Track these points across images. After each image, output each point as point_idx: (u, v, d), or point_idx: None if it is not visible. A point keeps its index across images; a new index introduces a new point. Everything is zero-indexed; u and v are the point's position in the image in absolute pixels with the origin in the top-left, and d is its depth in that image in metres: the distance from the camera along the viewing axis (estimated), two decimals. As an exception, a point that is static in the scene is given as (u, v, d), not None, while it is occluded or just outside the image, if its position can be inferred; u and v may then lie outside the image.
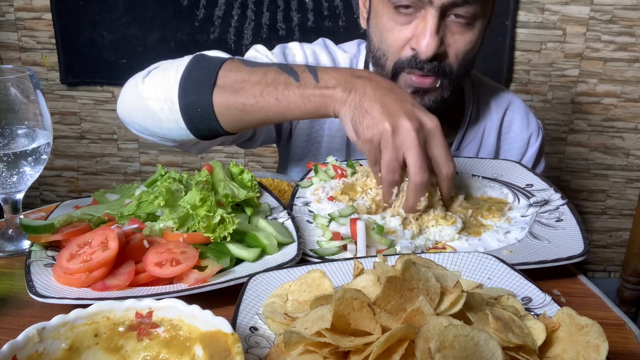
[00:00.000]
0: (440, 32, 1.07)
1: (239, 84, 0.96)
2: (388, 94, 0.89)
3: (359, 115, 0.88)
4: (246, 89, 0.96)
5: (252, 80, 0.96)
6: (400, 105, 0.87)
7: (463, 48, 1.11)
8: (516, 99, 1.41)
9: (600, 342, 0.51)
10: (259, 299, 0.67)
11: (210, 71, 0.98)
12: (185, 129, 1.01)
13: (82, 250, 0.75)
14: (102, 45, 2.51)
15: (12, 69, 0.86)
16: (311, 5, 2.40)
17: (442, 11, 1.05)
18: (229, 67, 0.99)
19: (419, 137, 0.85)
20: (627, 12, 2.38)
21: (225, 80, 0.97)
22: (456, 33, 1.09)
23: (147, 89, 1.03)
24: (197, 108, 0.98)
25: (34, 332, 0.51)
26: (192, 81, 0.99)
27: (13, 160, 0.84)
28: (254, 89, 0.95)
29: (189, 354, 0.55)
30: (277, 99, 0.94)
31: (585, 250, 0.80)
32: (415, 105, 0.88)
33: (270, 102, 0.95)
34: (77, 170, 2.78)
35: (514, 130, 1.37)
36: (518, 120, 1.37)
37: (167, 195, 0.83)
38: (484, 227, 0.93)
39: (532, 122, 1.39)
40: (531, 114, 1.40)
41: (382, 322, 0.51)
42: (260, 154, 2.66)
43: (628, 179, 2.64)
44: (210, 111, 0.98)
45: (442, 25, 1.07)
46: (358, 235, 0.82)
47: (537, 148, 1.38)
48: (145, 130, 1.09)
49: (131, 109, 1.07)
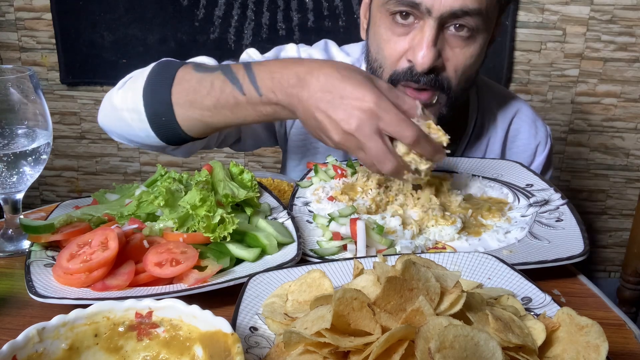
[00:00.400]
0: (439, 45, 1.03)
1: (192, 95, 0.98)
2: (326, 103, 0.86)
3: (316, 128, 0.89)
4: (199, 101, 0.98)
5: (202, 92, 0.97)
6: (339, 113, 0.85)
7: (463, 62, 1.06)
8: (524, 106, 1.36)
9: (600, 342, 0.51)
10: (259, 299, 0.67)
11: (166, 81, 1.01)
12: (156, 137, 1.04)
13: (82, 250, 0.75)
14: (102, 45, 2.51)
15: (12, 69, 0.86)
16: (311, 5, 2.40)
17: (440, 22, 1.01)
18: (181, 75, 1.01)
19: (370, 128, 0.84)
20: (627, 12, 2.38)
21: (179, 90, 1.00)
22: (456, 47, 1.05)
23: (119, 99, 1.07)
24: (160, 118, 1.01)
25: (34, 332, 0.51)
26: (152, 92, 1.02)
27: (13, 160, 0.84)
28: (207, 101, 0.97)
29: (189, 354, 0.55)
30: (231, 112, 0.97)
31: (585, 250, 0.80)
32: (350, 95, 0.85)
33: (226, 114, 0.97)
34: (77, 170, 2.78)
35: (520, 139, 1.34)
36: (525, 129, 1.33)
37: (167, 195, 0.83)
38: (484, 227, 0.93)
39: (541, 131, 1.34)
40: (540, 121, 1.36)
41: (382, 322, 0.51)
42: (260, 154, 2.66)
43: (628, 179, 2.64)
44: (173, 121, 1.01)
45: (441, 38, 1.03)
46: (358, 235, 0.82)
47: (545, 157, 1.34)
48: (124, 139, 1.13)
49: (108, 119, 1.12)
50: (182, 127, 1.01)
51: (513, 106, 1.35)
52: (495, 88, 1.39)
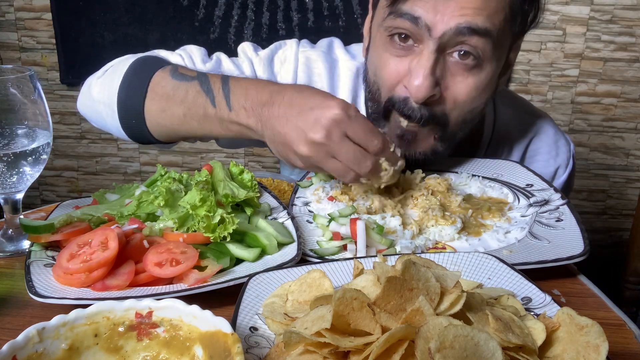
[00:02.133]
0: (438, 72, 0.93)
1: (164, 102, 0.99)
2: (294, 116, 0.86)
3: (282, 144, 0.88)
4: (170, 109, 0.99)
5: (175, 99, 0.98)
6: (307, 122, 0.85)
7: (465, 94, 0.96)
8: (546, 126, 1.24)
9: (600, 342, 0.51)
10: (259, 299, 0.67)
11: (141, 84, 1.02)
12: (124, 134, 1.07)
13: (82, 250, 0.75)
14: (102, 45, 2.51)
15: (12, 69, 0.86)
16: (311, 5, 2.40)
17: (441, 46, 0.92)
18: (157, 80, 1.01)
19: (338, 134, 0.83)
20: (627, 12, 2.38)
21: (152, 95, 1.01)
22: (457, 75, 0.95)
23: (96, 91, 1.09)
24: (131, 119, 1.03)
25: (33, 332, 0.51)
26: (127, 92, 1.03)
27: (13, 160, 0.84)
28: (177, 109, 0.98)
29: (189, 354, 0.55)
30: (199, 123, 0.98)
31: (585, 250, 0.80)
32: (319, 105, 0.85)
33: (193, 125, 0.99)
34: (77, 170, 2.78)
35: (538, 161, 1.22)
36: (545, 151, 1.22)
37: (167, 195, 0.83)
38: (484, 227, 0.93)
39: (562, 152, 1.23)
40: (562, 141, 1.24)
41: (382, 322, 0.51)
42: (260, 154, 2.66)
43: (628, 179, 2.64)
44: (143, 123, 1.03)
45: (441, 65, 0.94)
46: (358, 235, 0.82)
47: (564, 180, 1.23)
48: (99, 126, 1.15)
49: (85, 107, 1.15)
50: (150, 131, 1.04)
51: (535, 126, 1.24)
52: (517, 104, 1.29)
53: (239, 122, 0.93)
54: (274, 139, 0.89)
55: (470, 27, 0.90)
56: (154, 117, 1.01)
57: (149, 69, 1.03)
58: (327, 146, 0.84)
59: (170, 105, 0.98)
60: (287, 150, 0.88)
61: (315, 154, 0.85)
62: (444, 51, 0.94)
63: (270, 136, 0.90)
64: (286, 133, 0.86)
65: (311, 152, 0.85)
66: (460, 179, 1.08)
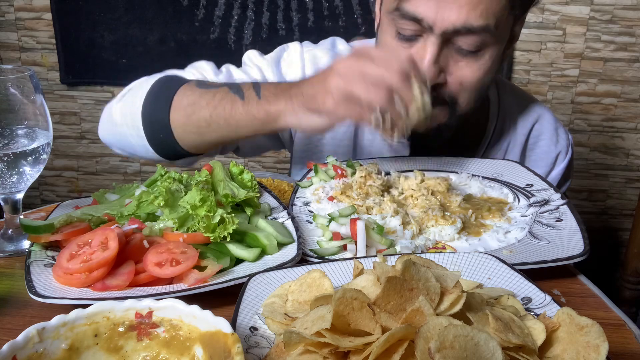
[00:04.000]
0: (442, 61, 0.99)
1: (191, 107, 1.00)
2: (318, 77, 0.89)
3: (312, 104, 0.88)
4: (197, 112, 0.99)
5: (202, 103, 0.99)
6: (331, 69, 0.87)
7: (470, 76, 1.02)
8: (546, 112, 1.31)
9: (600, 342, 0.51)
10: (259, 299, 0.67)
11: (166, 97, 1.03)
12: (153, 152, 1.07)
13: (82, 250, 0.75)
14: (102, 45, 2.50)
15: (12, 69, 0.86)
16: (311, 5, 2.39)
17: (444, 38, 0.97)
18: (182, 92, 1.03)
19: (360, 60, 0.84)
20: (627, 12, 2.38)
21: (179, 105, 1.02)
22: (461, 61, 1.00)
23: (118, 115, 1.09)
24: (159, 134, 1.04)
25: (34, 332, 0.51)
26: (152, 108, 1.04)
27: (13, 160, 0.84)
28: (204, 112, 0.99)
29: (189, 354, 0.55)
30: (225, 120, 0.98)
31: (585, 250, 0.80)
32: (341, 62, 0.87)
33: (220, 123, 0.98)
34: (77, 170, 2.77)
35: (540, 146, 1.29)
36: (547, 136, 1.28)
37: (167, 195, 0.83)
38: (484, 227, 0.93)
39: (562, 139, 1.29)
40: (562, 129, 1.31)
41: (382, 322, 0.51)
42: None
43: (628, 179, 2.64)
44: (171, 135, 1.03)
45: (445, 53, 0.99)
46: (358, 235, 0.82)
47: (565, 166, 1.29)
48: (124, 152, 1.15)
49: (108, 133, 1.15)
50: (179, 143, 1.04)
51: (535, 111, 1.30)
52: (517, 91, 1.34)
53: (267, 109, 0.93)
54: (302, 93, 0.89)
55: (466, 27, 0.95)
56: (181, 124, 1.02)
57: (172, 85, 1.05)
58: (354, 71, 0.84)
59: (196, 110, 1.00)
60: (318, 92, 0.88)
61: (346, 79, 0.84)
62: (446, 42, 0.98)
63: (297, 102, 0.90)
64: (317, 77, 0.88)
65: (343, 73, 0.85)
66: (460, 179, 1.09)
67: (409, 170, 1.11)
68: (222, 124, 0.98)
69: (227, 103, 0.97)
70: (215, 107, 0.98)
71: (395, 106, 0.84)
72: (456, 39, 0.98)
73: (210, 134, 1.01)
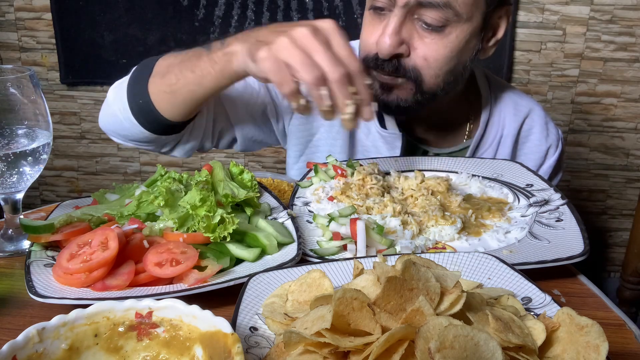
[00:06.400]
0: (404, 34, 1.05)
1: (167, 68, 1.03)
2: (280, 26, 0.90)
3: (255, 49, 0.88)
4: (170, 71, 1.02)
5: (176, 62, 1.02)
6: (291, 25, 0.88)
7: (435, 52, 1.06)
8: (537, 107, 1.34)
9: (600, 342, 0.51)
10: (259, 299, 0.67)
11: (150, 65, 1.06)
12: (138, 125, 1.07)
13: (82, 250, 0.75)
14: (102, 45, 2.50)
15: (12, 69, 0.86)
16: (311, 5, 2.40)
17: (408, 11, 1.03)
18: (163, 58, 1.06)
19: (318, 38, 0.85)
20: (627, 12, 2.38)
21: (158, 69, 1.04)
22: (425, 37, 1.06)
23: (111, 95, 1.12)
24: (138, 100, 1.05)
25: (34, 332, 0.51)
26: (134, 77, 1.07)
27: (13, 160, 0.84)
28: (176, 69, 1.01)
29: (189, 354, 0.55)
30: (192, 71, 0.99)
31: (585, 250, 0.80)
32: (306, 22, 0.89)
33: (188, 76, 1.00)
34: (77, 170, 2.77)
35: (531, 140, 1.32)
36: (537, 130, 1.32)
37: (167, 195, 0.83)
38: (484, 227, 0.93)
39: (552, 133, 1.33)
40: (552, 123, 1.35)
41: (382, 322, 0.51)
42: (260, 154, 2.66)
43: (628, 179, 2.64)
44: (148, 100, 1.04)
45: (409, 27, 1.05)
46: (358, 235, 0.82)
47: (555, 160, 1.33)
48: (119, 136, 1.16)
49: (104, 117, 1.16)
50: (155, 106, 1.04)
51: (525, 106, 1.33)
52: (507, 86, 1.38)
53: (225, 51, 0.94)
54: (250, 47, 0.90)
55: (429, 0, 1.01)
56: (157, 86, 1.03)
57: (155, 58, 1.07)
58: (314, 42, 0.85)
59: (170, 69, 1.02)
60: (264, 40, 0.88)
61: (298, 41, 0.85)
62: (409, 15, 1.04)
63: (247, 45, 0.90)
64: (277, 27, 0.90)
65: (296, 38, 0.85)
66: (460, 179, 1.09)
67: (409, 171, 1.11)
68: (189, 76, 1.00)
69: (195, 55, 1.00)
70: (184, 60, 1.01)
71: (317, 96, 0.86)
72: (420, 13, 1.03)
73: (180, 90, 1.01)
